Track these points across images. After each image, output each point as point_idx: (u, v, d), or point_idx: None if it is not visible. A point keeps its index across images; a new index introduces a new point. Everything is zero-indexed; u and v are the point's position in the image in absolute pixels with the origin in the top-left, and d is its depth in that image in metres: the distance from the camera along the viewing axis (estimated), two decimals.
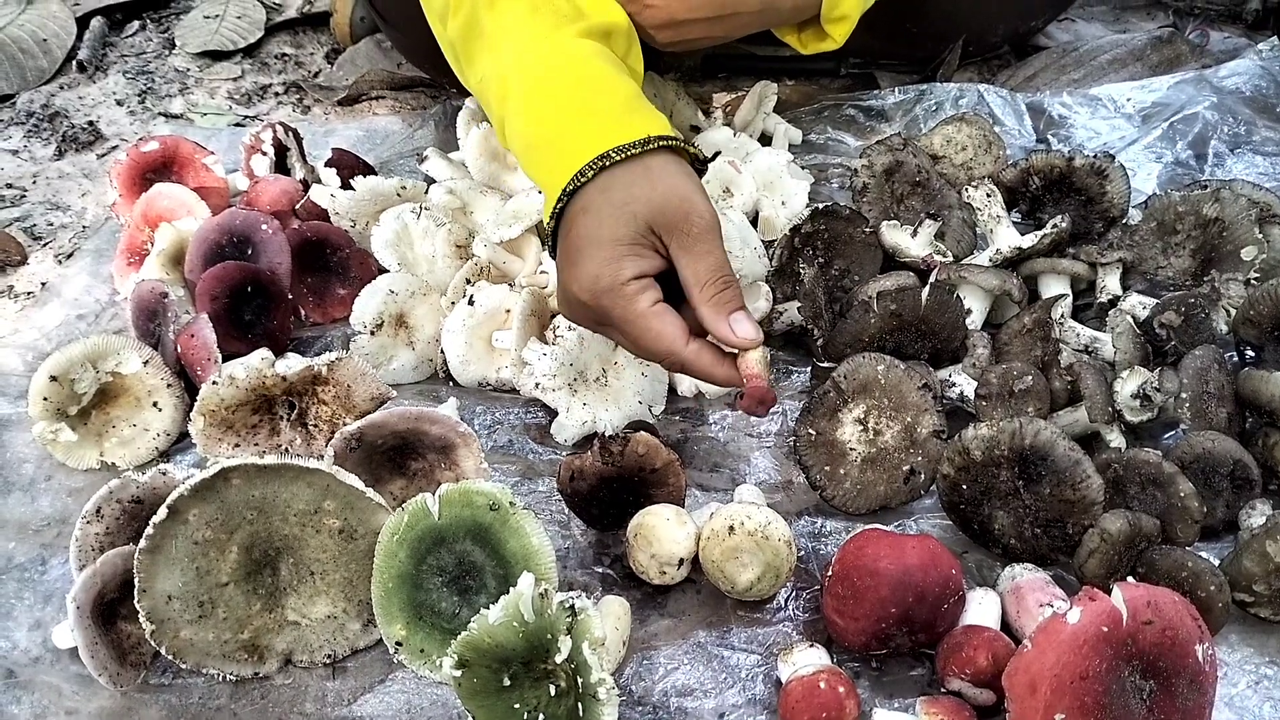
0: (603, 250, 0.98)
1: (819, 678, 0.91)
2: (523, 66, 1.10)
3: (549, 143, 1.05)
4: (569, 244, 1.01)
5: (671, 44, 1.32)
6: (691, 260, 0.98)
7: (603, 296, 0.97)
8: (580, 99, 1.06)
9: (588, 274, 0.98)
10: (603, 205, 0.99)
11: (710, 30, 1.30)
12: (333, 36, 2.01)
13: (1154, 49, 1.80)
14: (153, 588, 0.93)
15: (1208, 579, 0.97)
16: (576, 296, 1.00)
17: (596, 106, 1.05)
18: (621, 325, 0.98)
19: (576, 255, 0.99)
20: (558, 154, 1.03)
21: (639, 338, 0.98)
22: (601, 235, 0.98)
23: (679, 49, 1.34)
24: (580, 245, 0.99)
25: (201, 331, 1.17)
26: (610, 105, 1.05)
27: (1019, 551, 1.04)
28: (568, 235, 1.01)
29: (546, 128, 1.06)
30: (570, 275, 1.00)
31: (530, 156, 1.09)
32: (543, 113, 1.07)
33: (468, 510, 0.96)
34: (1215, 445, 1.07)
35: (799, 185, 1.45)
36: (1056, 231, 1.28)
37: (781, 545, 0.99)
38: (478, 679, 0.88)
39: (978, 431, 1.03)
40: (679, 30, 1.29)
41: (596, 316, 1.00)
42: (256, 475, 0.94)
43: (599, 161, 0.99)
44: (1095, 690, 0.82)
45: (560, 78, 1.08)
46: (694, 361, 0.98)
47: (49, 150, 1.74)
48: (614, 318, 0.98)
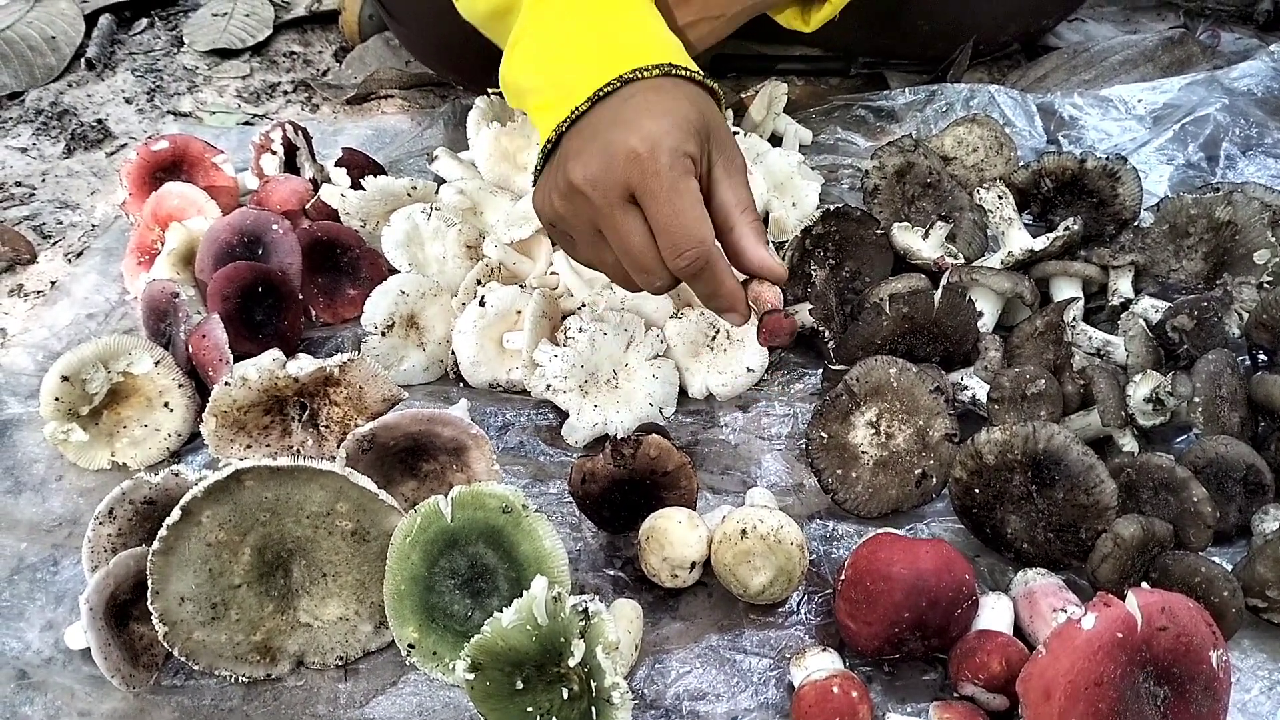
0: (666, 119, 0.93)
1: (832, 682, 0.91)
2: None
3: (588, 45, 1.02)
4: (612, 113, 0.95)
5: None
6: (733, 184, 0.96)
7: (660, 155, 0.90)
8: (644, 18, 1.05)
9: (644, 132, 0.91)
10: (658, 99, 0.95)
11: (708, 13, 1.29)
12: (341, 35, 2.01)
13: (1165, 50, 1.79)
14: (166, 589, 0.93)
15: (1221, 584, 0.96)
16: (625, 148, 0.91)
17: (660, 30, 1.04)
18: (660, 194, 0.91)
19: (630, 118, 0.93)
20: (614, 46, 1.00)
21: (678, 214, 0.91)
22: (664, 107, 0.94)
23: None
24: (628, 117, 0.93)
25: (213, 332, 1.17)
26: (670, 39, 1.04)
27: (1031, 556, 1.04)
28: (613, 107, 0.96)
29: (586, 34, 1.03)
30: (620, 133, 0.92)
31: (569, 46, 1.04)
32: (580, 18, 1.04)
33: (480, 513, 0.96)
34: (1228, 450, 1.07)
35: (810, 186, 1.45)
36: (1069, 234, 1.28)
37: (794, 549, 0.99)
38: (491, 682, 0.88)
39: (990, 435, 1.03)
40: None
41: (633, 180, 0.92)
42: (270, 477, 0.94)
43: (667, 67, 0.97)
44: (1110, 696, 0.81)
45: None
46: (717, 261, 0.94)
47: (58, 148, 1.74)
48: (650, 188, 0.91)
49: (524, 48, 1.09)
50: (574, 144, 0.97)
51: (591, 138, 0.95)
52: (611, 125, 0.94)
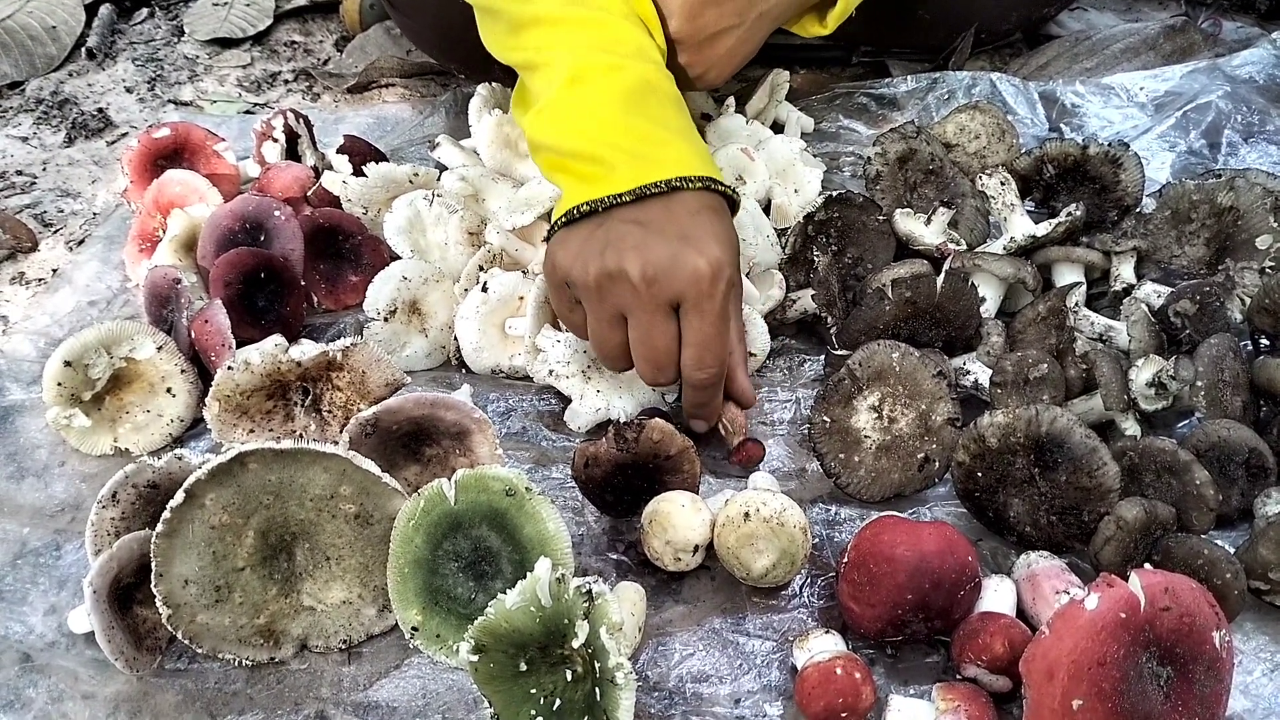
0: (727, 248, 1.03)
1: (835, 664, 0.91)
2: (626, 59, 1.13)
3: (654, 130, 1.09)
4: (674, 221, 1.03)
5: (702, 69, 1.31)
6: (738, 312, 1.10)
7: (718, 283, 1.01)
8: (681, 119, 1.13)
9: (712, 256, 1.00)
10: (718, 214, 1.06)
11: (734, 33, 1.30)
12: (342, 24, 2.00)
13: (1166, 38, 1.79)
14: (169, 572, 0.93)
15: (1224, 566, 0.96)
16: (664, 272, 1.00)
17: (696, 136, 1.13)
18: (709, 318, 1.01)
19: (697, 236, 1.02)
20: (661, 145, 1.07)
21: (718, 335, 1.03)
22: (724, 234, 1.04)
23: (710, 74, 1.33)
24: (703, 231, 1.02)
25: (215, 317, 1.17)
26: (704, 147, 1.14)
27: (1034, 539, 1.04)
28: (671, 213, 1.04)
29: (655, 117, 1.10)
30: (678, 249, 1.00)
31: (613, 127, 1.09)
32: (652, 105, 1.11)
33: (484, 495, 0.96)
34: (1230, 433, 1.07)
35: (812, 173, 1.45)
36: (1071, 220, 1.28)
37: (797, 532, 0.99)
38: (494, 664, 0.88)
39: (993, 419, 1.03)
40: (707, 48, 1.29)
41: (667, 297, 1.01)
42: (273, 460, 0.94)
43: (709, 180, 1.06)
44: (1113, 676, 0.82)
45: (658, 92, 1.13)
46: (722, 380, 1.07)
47: (59, 137, 1.74)
48: (704, 309, 1.01)
49: (565, 110, 1.12)
50: (633, 234, 1.03)
51: (656, 238, 1.02)
52: (678, 235, 1.02)
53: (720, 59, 1.31)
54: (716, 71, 1.33)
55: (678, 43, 1.28)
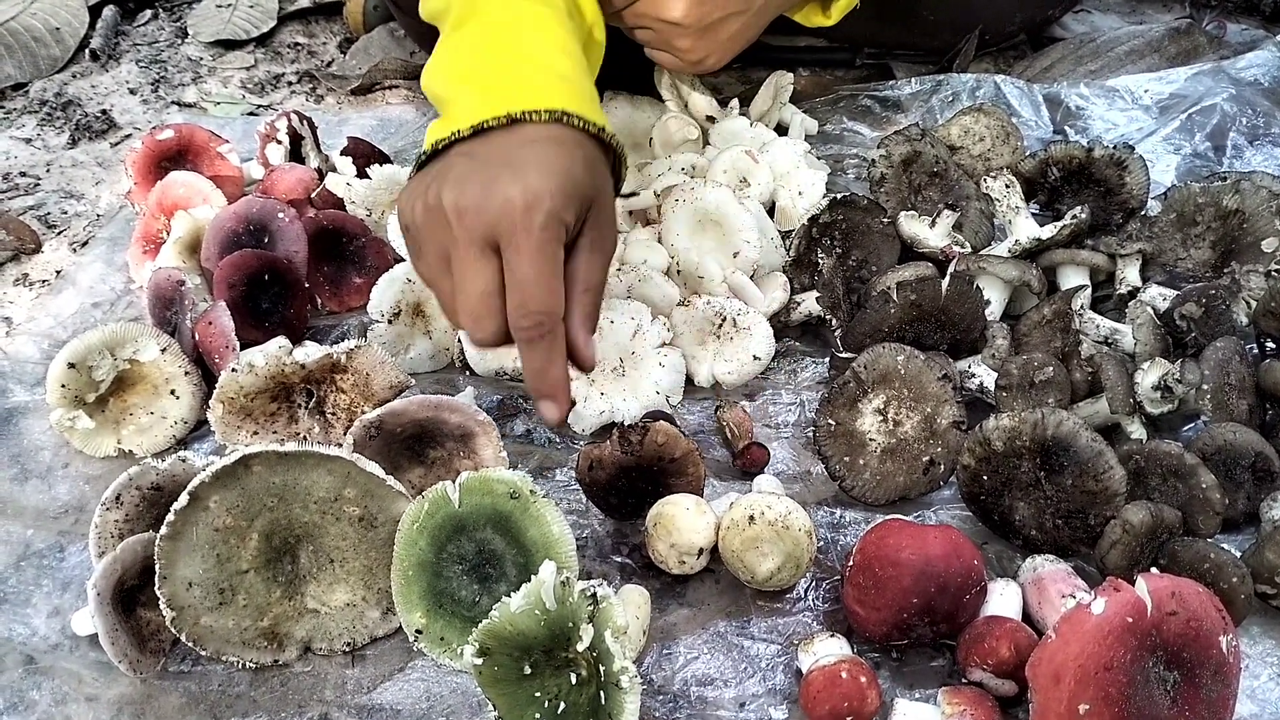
0: (555, 178, 0.90)
1: (840, 668, 0.91)
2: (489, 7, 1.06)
3: (493, 70, 1.00)
4: (504, 151, 0.92)
5: (703, 54, 1.31)
6: (591, 260, 0.94)
7: (534, 214, 0.88)
8: (540, 51, 1.02)
9: (529, 184, 0.88)
10: (564, 146, 0.93)
11: (740, 18, 1.29)
12: (346, 25, 2.00)
13: (1171, 40, 1.79)
14: (173, 574, 0.93)
15: (1230, 571, 0.96)
16: (475, 201, 0.89)
17: (557, 67, 1.01)
18: (525, 254, 0.88)
19: (520, 164, 0.90)
20: (514, 80, 0.98)
21: (538, 276, 0.88)
22: (559, 164, 0.91)
23: (709, 60, 1.33)
24: (529, 160, 0.91)
25: (220, 319, 1.16)
26: (575, 76, 1.02)
27: (1040, 543, 1.04)
28: (506, 145, 0.93)
29: (495, 59, 1.01)
30: (494, 176, 0.89)
31: (476, 66, 1.02)
32: (493, 45, 1.03)
33: (488, 498, 0.96)
34: (1237, 437, 1.07)
35: (816, 175, 1.45)
36: (1076, 222, 1.27)
37: (802, 535, 0.98)
38: (499, 667, 0.88)
39: (999, 422, 1.03)
40: (710, 34, 1.28)
41: (479, 230, 0.89)
42: (277, 462, 0.94)
43: (559, 113, 0.95)
44: (1119, 681, 0.81)
45: (542, 32, 1.04)
46: (558, 338, 0.92)
47: (62, 139, 1.74)
48: (517, 242, 0.88)
49: (439, 57, 1.07)
50: (459, 165, 0.93)
51: (477, 168, 0.92)
52: (501, 164, 0.91)
53: (723, 44, 1.31)
54: (717, 57, 1.32)
55: (682, 27, 1.26)
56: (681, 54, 1.30)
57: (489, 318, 0.90)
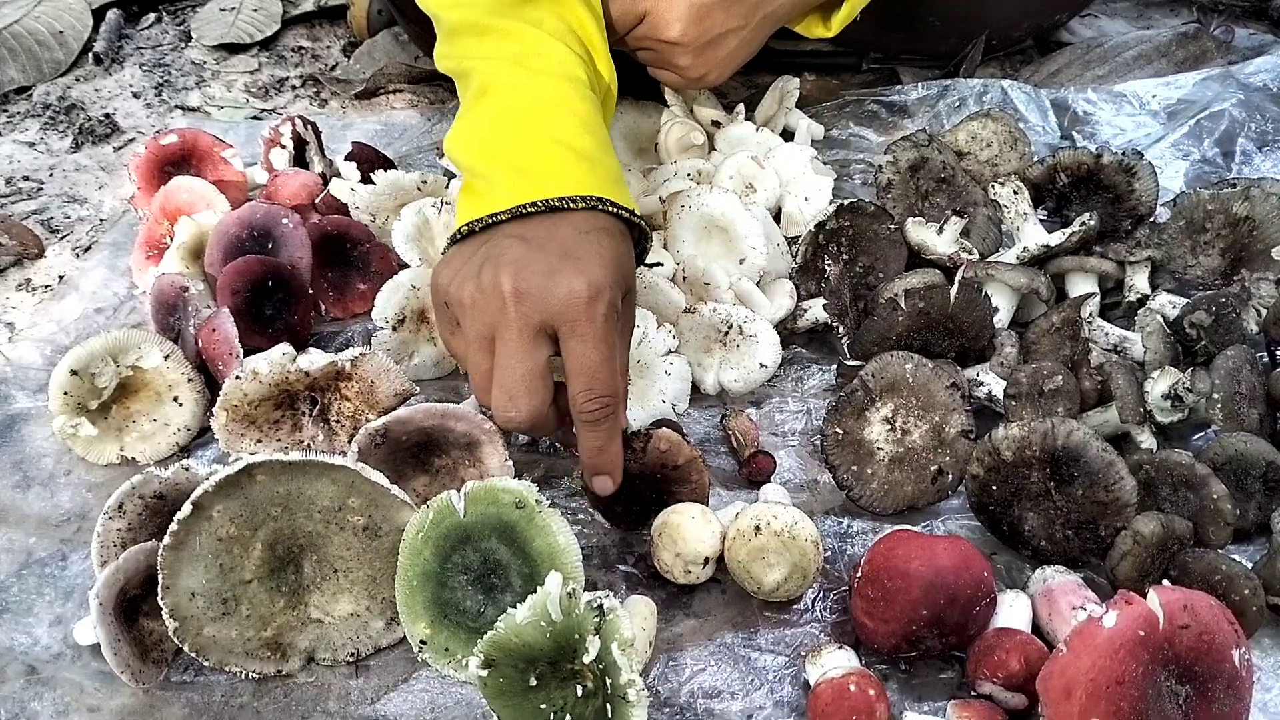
0: (610, 270, 0.95)
1: (849, 680, 0.90)
2: (512, 69, 1.09)
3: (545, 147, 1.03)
4: (559, 239, 0.97)
5: (703, 70, 1.32)
6: (622, 341, 0.99)
7: (598, 305, 0.92)
8: (587, 141, 1.05)
9: (591, 276, 0.93)
10: (609, 236, 0.99)
11: (738, 34, 1.30)
12: (350, 29, 2.00)
13: (1179, 45, 1.78)
14: (176, 584, 0.92)
15: (1242, 582, 0.95)
16: (539, 289, 0.92)
17: (605, 155, 1.06)
18: (591, 342, 0.93)
19: (580, 255, 0.95)
20: (551, 163, 1.02)
21: (605, 361, 0.94)
22: (610, 255, 0.96)
23: (710, 76, 1.34)
24: (587, 250, 0.95)
25: (223, 326, 1.16)
26: (600, 158, 1.06)
27: (1049, 554, 1.03)
28: (558, 230, 0.97)
29: (554, 135, 1.04)
30: (556, 267, 0.93)
31: (517, 143, 1.05)
32: (552, 122, 1.06)
33: (493, 508, 0.95)
34: (1248, 447, 1.06)
35: (822, 181, 1.44)
36: (1085, 229, 1.26)
37: (808, 545, 0.98)
38: (504, 679, 0.87)
39: (1008, 432, 1.02)
40: (710, 50, 1.29)
41: (539, 317, 0.93)
42: (281, 471, 0.93)
43: (594, 200, 0.99)
44: (1131, 695, 0.80)
45: (565, 110, 1.07)
46: (621, 418, 0.98)
47: (65, 143, 1.74)
48: (582, 331, 0.93)
49: (465, 127, 1.10)
50: (513, 249, 0.96)
51: (535, 256, 0.94)
52: (560, 254, 0.94)
53: (722, 60, 1.32)
54: (717, 73, 1.34)
55: (680, 46, 1.28)
56: (683, 71, 1.32)
57: (526, 397, 0.94)
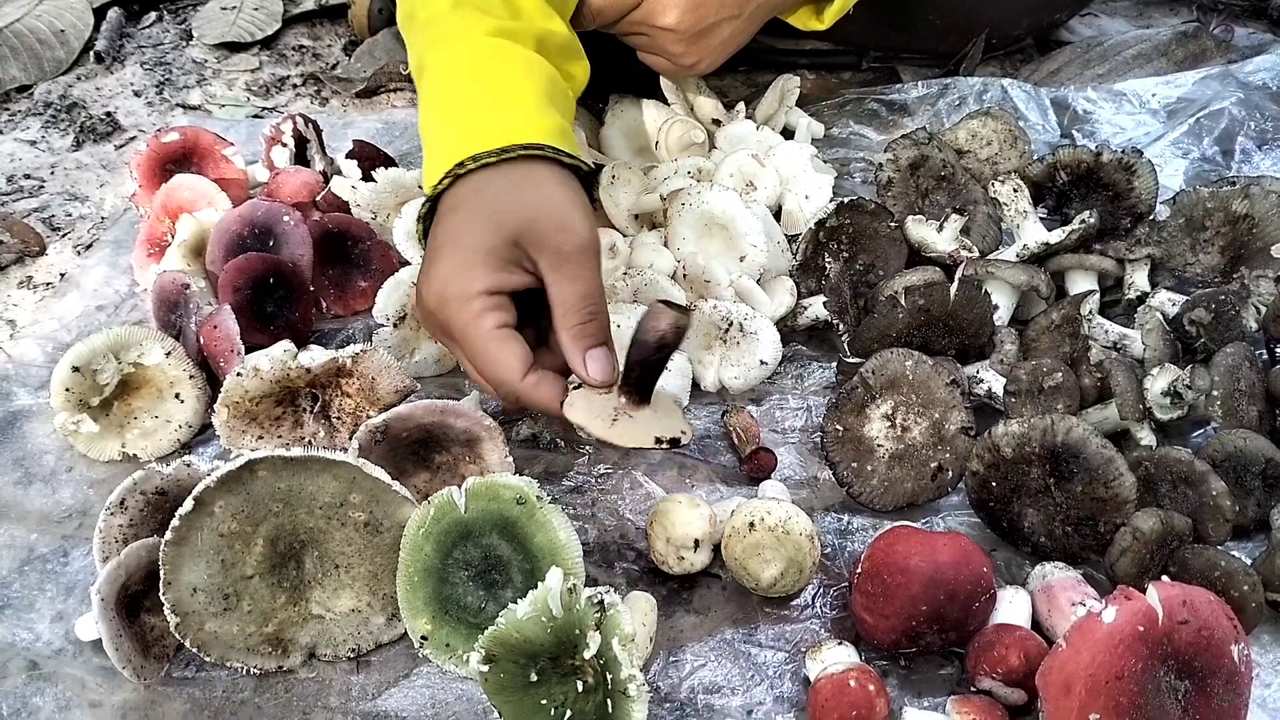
0: (458, 255, 0.94)
1: (848, 676, 0.90)
2: (434, 59, 1.10)
3: (434, 135, 1.04)
4: (430, 243, 0.98)
5: (696, 58, 1.32)
6: (559, 281, 0.93)
7: (449, 305, 0.93)
8: (470, 97, 1.04)
9: (438, 277, 0.93)
10: (471, 208, 0.97)
11: (732, 23, 1.30)
12: (350, 28, 2.00)
13: (1179, 44, 1.78)
14: (178, 580, 0.93)
15: (1241, 578, 0.96)
16: (425, 301, 0.95)
17: (483, 107, 1.03)
18: (461, 341, 0.94)
19: (433, 256, 0.95)
20: (437, 147, 1.01)
21: (475, 357, 0.94)
22: (460, 239, 0.95)
23: (702, 64, 1.34)
24: (438, 246, 0.96)
25: (225, 323, 1.16)
26: (500, 109, 1.03)
27: (1049, 550, 1.03)
28: (433, 234, 0.98)
29: (436, 121, 1.05)
30: (423, 277, 0.95)
31: (425, 149, 1.07)
32: (435, 106, 1.07)
33: (494, 504, 0.96)
34: (1247, 444, 1.06)
35: (823, 179, 1.44)
36: (1084, 227, 1.27)
37: (803, 540, 0.98)
38: (505, 674, 0.88)
39: (1008, 428, 1.02)
40: (703, 38, 1.29)
41: (440, 326, 0.96)
42: (283, 467, 0.93)
43: (471, 161, 0.97)
44: (1130, 690, 0.81)
45: (458, 74, 1.06)
46: (530, 394, 0.93)
47: (67, 141, 1.74)
48: (454, 331, 0.94)
49: (422, 114, 1.11)
50: (425, 257, 0.99)
51: (428, 260, 0.97)
52: (425, 258, 0.98)
53: (714, 49, 1.33)
54: (709, 61, 1.35)
55: (675, 33, 1.29)
56: (675, 59, 1.33)
57: (492, 385, 0.96)
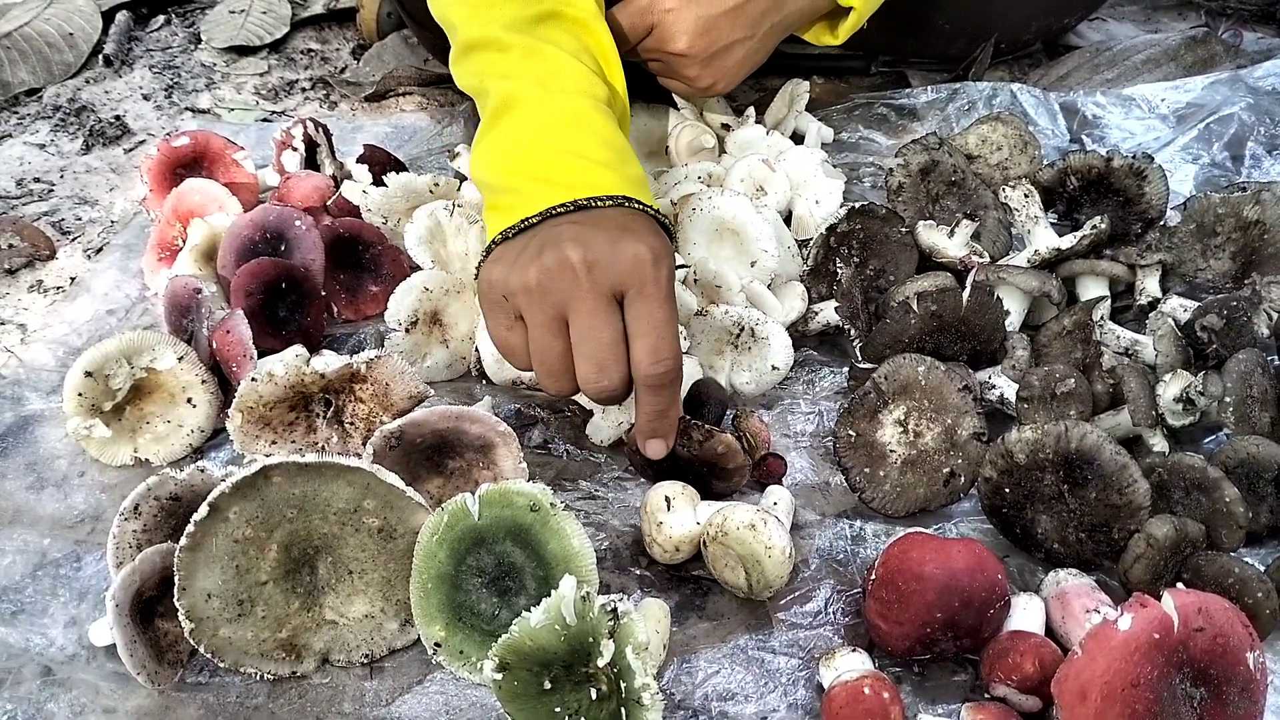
0: (662, 239, 1.00)
1: (863, 683, 0.90)
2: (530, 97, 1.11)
3: (578, 155, 1.06)
4: (608, 220, 1.00)
5: (711, 80, 1.33)
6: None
7: (661, 265, 0.95)
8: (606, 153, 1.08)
9: (650, 243, 0.96)
10: (641, 222, 1.02)
11: (745, 44, 1.32)
12: (359, 32, 2.00)
13: (1188, 49, 1.78)
14: (192, 586, 0.93)
15: (1255, 585, 0.95)
16: (606, 256, 0.95)
17: (626, 164, 1.09)
18: (657, 303, 0.95)
19: (632, 227, 0.98)
20: (584, 171, 1.04)
21: (669, 321, 0.96)
22: (653, 231, 1.01)
23: (718, 85, 1.36)
24: (638, 224, 1.00)
25: (237, 327, 1.16)
26: (638, 170, 1.10)
27: (1062, 556, 1.03)
28: (607, 216, 1.01)
29: (575, 149, 1.07)
30: (616, 237, 0.96)
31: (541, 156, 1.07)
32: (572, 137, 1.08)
33: (508, 511, 0.96)
34: (1260, 450, 1.06)
35: (833, 184, 1.44)
36: (1096, 232, 1.27)
37: (742, 533, 0.97)
38: (518, 682, 0.88)
39: (1021, 434, 1.02)
40: (718, 60, 1.31)
41: (609, 281, 0.95)
42: (297, 473, 0.93)
43: (620, 199, 1.02)
44: (1146, 698, 0.81)
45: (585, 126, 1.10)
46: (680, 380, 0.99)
47: (76, 144, 1.74)
48: (649, 292, 0.95)
49: (487, 147, 1.12)
50: (569, 231, 0.98)
51: (592, 232, 0.97)
52: (616, 228, 0.98)
53: (730, 70, 1.34)
54: (725, 82, 1.36)
55: (688, 57, 1.30)
56: (691, 82, 1.34)
57: (616, 365, 0.95)
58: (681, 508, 1.03)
